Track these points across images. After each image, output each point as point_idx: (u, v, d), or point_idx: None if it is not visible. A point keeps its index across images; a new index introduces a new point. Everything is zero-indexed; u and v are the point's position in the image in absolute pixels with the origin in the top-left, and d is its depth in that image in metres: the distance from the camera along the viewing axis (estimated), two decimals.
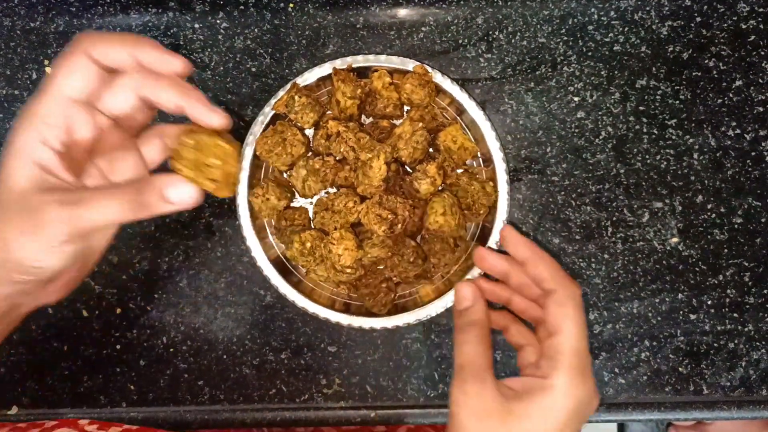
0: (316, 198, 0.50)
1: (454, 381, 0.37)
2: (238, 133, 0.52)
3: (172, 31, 0.53)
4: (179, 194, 0.35)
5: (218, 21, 0.53)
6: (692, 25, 0.52)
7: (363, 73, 0.50)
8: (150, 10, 0.53)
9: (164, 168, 0.38)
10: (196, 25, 0.53)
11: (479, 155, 0.51)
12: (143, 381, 0.51)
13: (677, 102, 0.52)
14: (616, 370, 0.51)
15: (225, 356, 0.51)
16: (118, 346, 0.51)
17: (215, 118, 0.36)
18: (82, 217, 0.33)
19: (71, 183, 0.34)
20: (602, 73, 0.52)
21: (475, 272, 0.48)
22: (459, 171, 0.50)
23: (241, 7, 0.53)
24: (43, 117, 0.33)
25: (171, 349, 0.51)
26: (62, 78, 0.33)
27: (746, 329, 0.51)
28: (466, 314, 0.41)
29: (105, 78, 0.34)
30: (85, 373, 0.51)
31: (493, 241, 0.48)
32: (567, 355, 0.35)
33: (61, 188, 0.33)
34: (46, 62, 0.53)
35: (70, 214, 0.32)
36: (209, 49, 0.53)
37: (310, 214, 0.50)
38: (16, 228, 0.32)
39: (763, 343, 0.51)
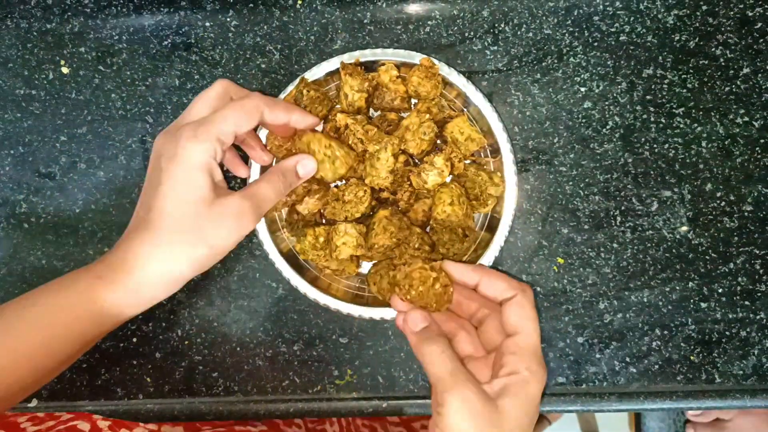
0: None
1: (438, 390, 0.39)
2: None
3: (183, 29, 0.54)
4: (308, 168, 0.46)
5: (228, 19, 0.54)
6: (698, 13, 0.52)
7: (370, 67, 0.51)
8: (162, 9, 0.54)
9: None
10: (207, 24, 0.54)
11: (487, 146, 0.51)
12: (159, 373, 0.52)
13: (684, 90, 0.52)
14: (627, 359, 0.51)
15: (239, 348, 0.52)
16: (134, 339, 0.52)
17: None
18: (262, 206, 0.42)
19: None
20: (608, 63, 0.52)
21: (487, 261, 0.48)
22: (467, 162, 0.50)
23: (251, 5, 0.54)
24: (216, 134, 0.40)
25: (186, 342, 0.52)
26: (234, 118, 0.41)
27: (758, 317, 0.50)
28: (424, 332, 0.43)
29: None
30: (103, 366, 0.52)
31: (501, 232, 0.49)
32: (530, 350, 0.40)
33: (225, 187, 0.43)
34: (62, 62, 0.54)
35: (255, 204, 0.41)
36: (220, 47, 0.54)
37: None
38: (218, 223, 0.40)
39: None
